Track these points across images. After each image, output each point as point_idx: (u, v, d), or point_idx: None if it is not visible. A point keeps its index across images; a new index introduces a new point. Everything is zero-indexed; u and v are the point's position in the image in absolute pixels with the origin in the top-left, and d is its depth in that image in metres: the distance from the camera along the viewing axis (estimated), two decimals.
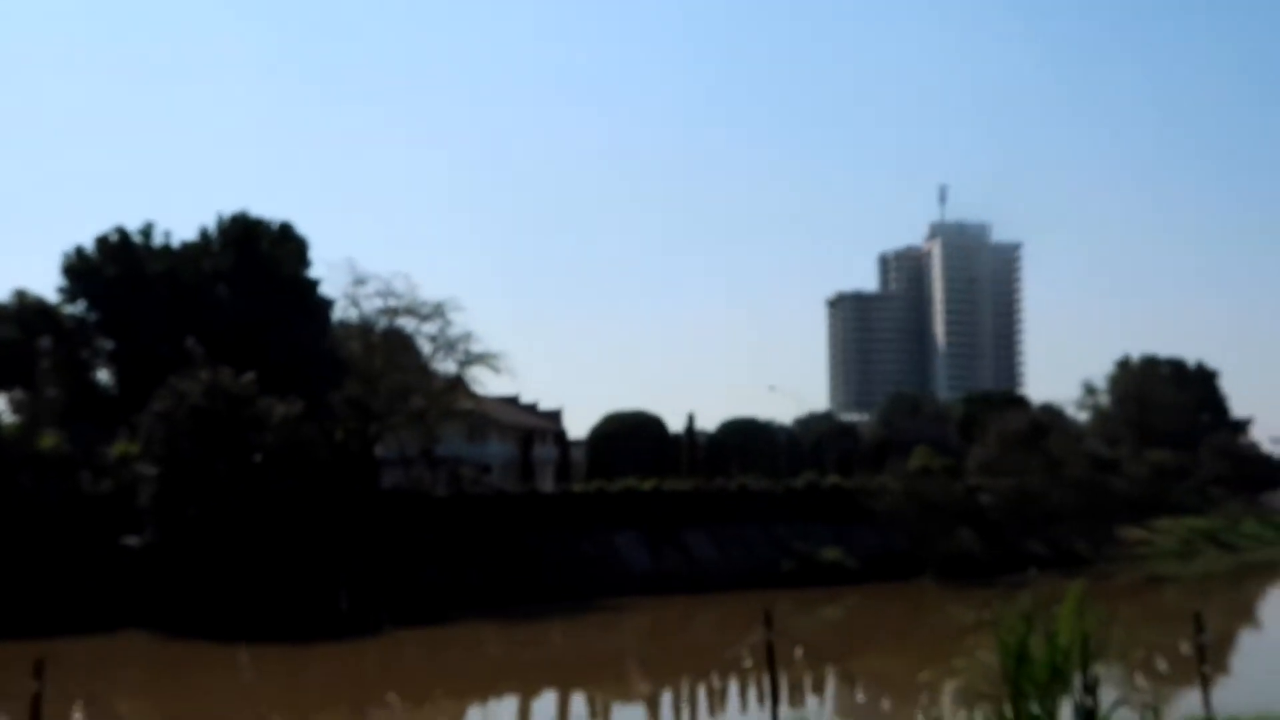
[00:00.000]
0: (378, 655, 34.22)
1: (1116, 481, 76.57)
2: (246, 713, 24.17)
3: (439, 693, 27.87)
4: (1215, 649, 38.92)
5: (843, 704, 27.16)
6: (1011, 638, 10.65)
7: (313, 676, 34.41)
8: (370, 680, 29.99)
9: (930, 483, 60.84)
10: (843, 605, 52.43)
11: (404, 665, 34.02)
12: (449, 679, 32.65)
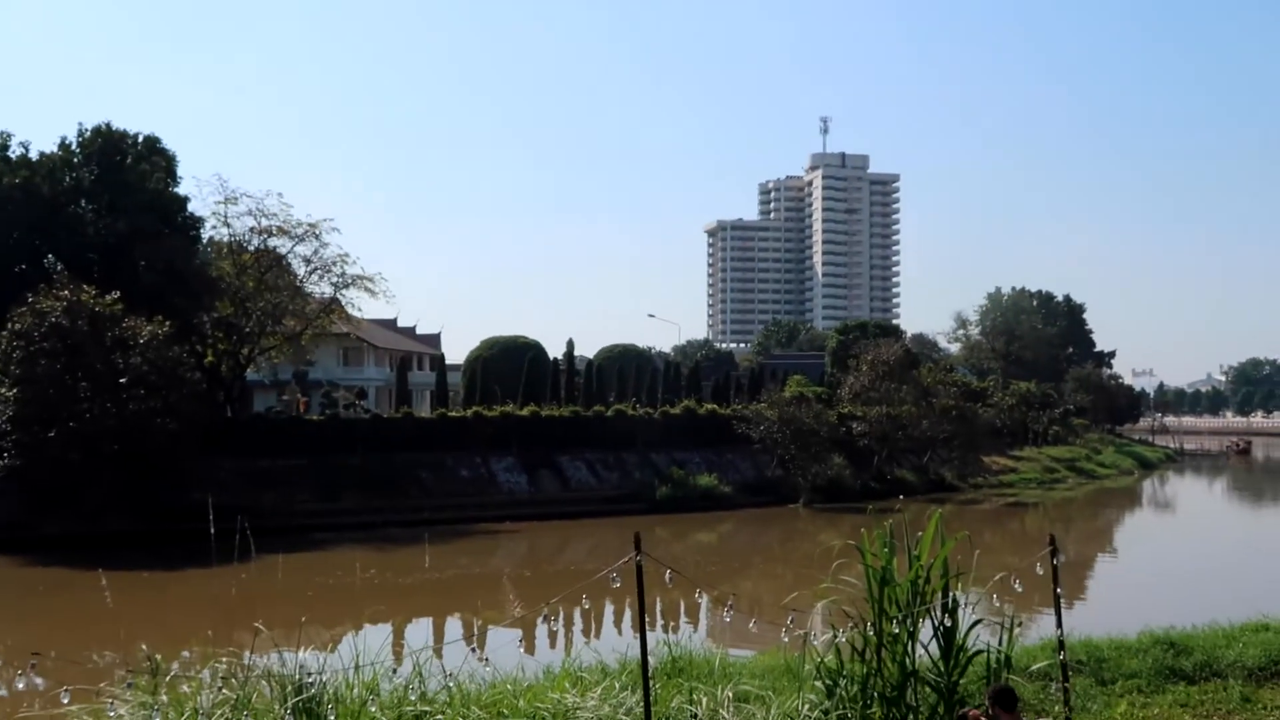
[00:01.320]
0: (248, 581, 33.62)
1: (984, 411, 78.60)
2: (109, 641, 23.58)
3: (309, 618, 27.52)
4: (1073, 574, 40.51)
5: (715, 627, 27.51)
6: (876, 561, 10.82)
7: (179, 603, 33.80)
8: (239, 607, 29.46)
9: (804, 410, 61.64)
10: (717, 530, 53.09)
11: (274, 591, 33.53)
12: (321, 604, 32.30)
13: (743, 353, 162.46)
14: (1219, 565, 40.92)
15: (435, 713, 10.24)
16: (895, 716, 10.45)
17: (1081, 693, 15.94)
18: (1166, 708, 15.22)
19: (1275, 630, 20.66)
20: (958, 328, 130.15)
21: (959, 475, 70.64)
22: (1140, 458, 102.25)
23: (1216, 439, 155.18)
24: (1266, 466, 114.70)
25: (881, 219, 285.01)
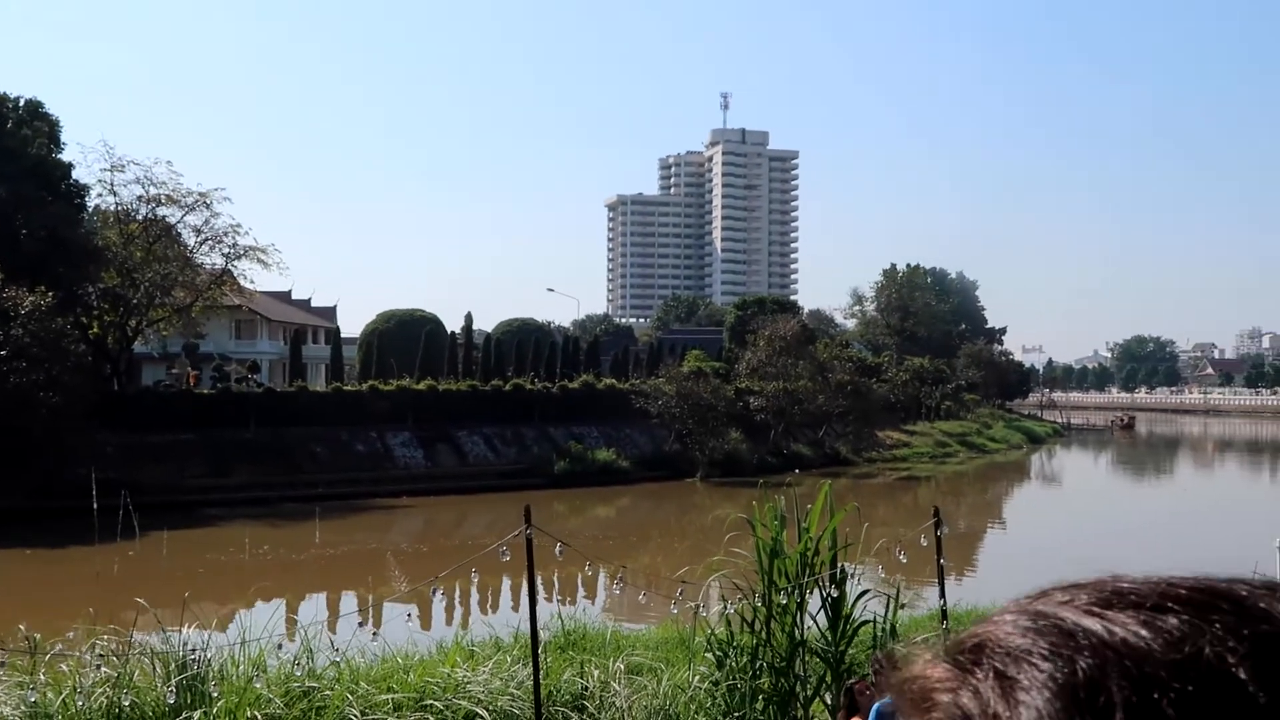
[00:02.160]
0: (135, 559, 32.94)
1: (879, 386, 79.75)
2: None
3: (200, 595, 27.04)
4: (964, 546, 41.41)
5: (613, 601, 27.61)
6: (766, 534, 10.92)
7: (61, 582, 32.94)
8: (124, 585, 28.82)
9: (702, 385, 61.96)
10: (615, 504, 53.26)
11: (162, 568, 32.89)
12: (210, 581, 31.78)
13: (642, 327, 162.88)
14: (1102, 536, 42.09)
15: (324, 688, 10.11)
16: (784, 686, 10.57)
17: None
18: None
19: None
20: (854, 304, 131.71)
21: (854, 449, 71.66)
22: (1029, 432, 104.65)
23: (1102, 414, 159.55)
24: (1149, 441, 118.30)
25: (781, 195, 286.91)
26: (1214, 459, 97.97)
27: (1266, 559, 23.91)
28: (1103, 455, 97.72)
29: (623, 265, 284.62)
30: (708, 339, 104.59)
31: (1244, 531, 31.49)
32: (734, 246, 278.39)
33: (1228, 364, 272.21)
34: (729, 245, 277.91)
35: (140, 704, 9.48)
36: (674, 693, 10.89)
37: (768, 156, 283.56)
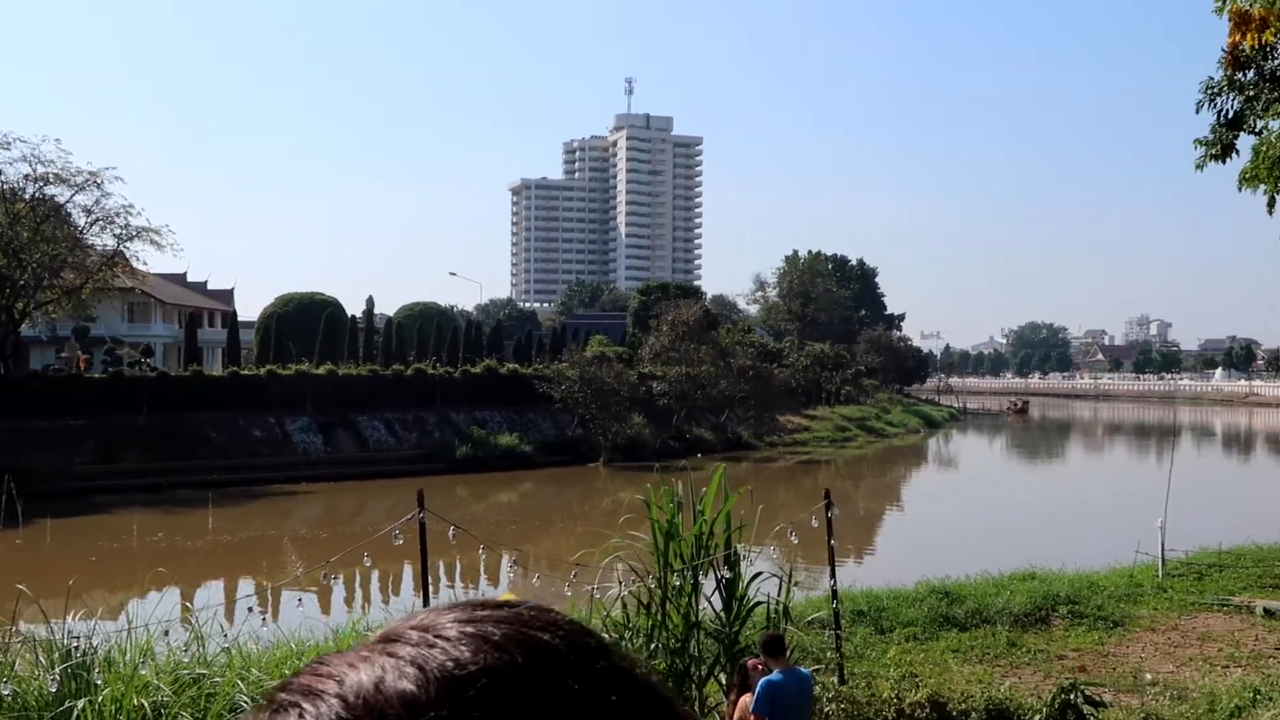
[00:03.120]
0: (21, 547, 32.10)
1: (780, 371, 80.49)
2: None
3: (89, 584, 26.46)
4: (861, 528, 42.03)
5: (515, 586, 27.58)
6: (661, 516, 11.00)
7: None
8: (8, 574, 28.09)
9: (605, 370, 62.05)
10: (518, 489, 53.15)
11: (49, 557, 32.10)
12: (100, 570, 31.06)
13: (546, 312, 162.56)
14: (995, 518, 43.07)
15: (213, 675, 9.97)
16: (679, 667, 10.67)
17: (861, 641, 16.61)
18: (939, 654, 15.96)
19: (1040, 579, 21.93)
20: (756, 290, 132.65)
21: (755, 434, 72.30)
22: (926, 417, 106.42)
23: (997, 399, 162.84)
24: (1042, 425, 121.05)
25: (685, 181, 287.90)
26: (1103, 443, 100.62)
27: (1149, 539, 24.70)
28: (997, 439, 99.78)
29: (527, 249, 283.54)
30: (611, 324, 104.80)
31: (1130, 513, 32.38)
32: (638, 232, 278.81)
33: (1117, 350, 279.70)
34: (633, 230, 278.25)
35: (22, 694, 9.26)
36: None
37: (672, 142, 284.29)
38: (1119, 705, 12.66)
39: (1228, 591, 21.21)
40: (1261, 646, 16.64)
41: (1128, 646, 16.97)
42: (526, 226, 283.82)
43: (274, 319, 76.18)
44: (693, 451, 56.01)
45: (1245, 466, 70.08)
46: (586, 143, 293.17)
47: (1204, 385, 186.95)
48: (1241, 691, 12.97)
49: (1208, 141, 18.39)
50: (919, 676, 11.48)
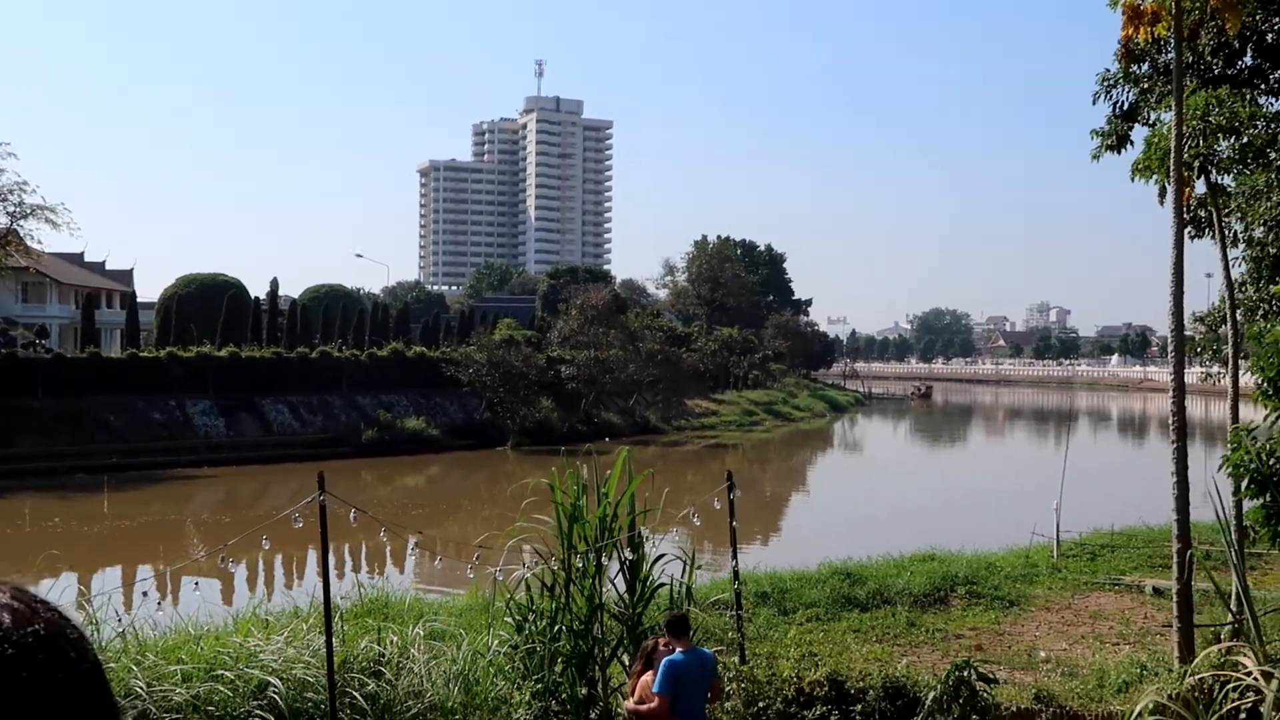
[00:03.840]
0: None
1: (689, 355, 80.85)
2: None
3: None
4: (768, 511, 42.40)
5: (422, 570, 27.43)
6: (566, 499, 11.02)
7: None
8: None
9: (514, 354, 61.87)
10: (424, 473, 52.80)
11: None
12: None
13: (454, 295, 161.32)
14: (898, 501, 43.74)
15: (107, 660, 9.78)
16: (582, 648, 10.72)
17: (765, 622, 16.80)
18: (840, 634, 16.20)
19: (940, 560, 22.35)
20: (665, 274, 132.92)
21: (663, 418, 72.60)
22: (832, 401, 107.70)
23: (901, 384, 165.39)
24: (945, 409, 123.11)
25: (595, 165, 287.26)
26: (1003, 427, 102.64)
27: (1046, 521, 25.29)
28: (901, 423, 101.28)
29: (435, 232, 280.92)
30: (520, 307, 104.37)
31: (1027, 495, 33.09)
32: (548, 215, 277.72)
33: (1018, 336, 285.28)
34: (543, 214, 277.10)
35: None
36: (473, 658, 10.93)
37: (582, 125, 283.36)
38: (1013, 682, 12.96)
39: (1119, 571, 21.81)
40: (1150, 624, 17.13)
41: (1023, 625, 17.37)
42: (435, 209, 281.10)
43: (175, 300, 74.62)
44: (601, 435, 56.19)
45: (1138, 450, 71.96)
46: (496, 125, 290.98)
47: (1101, 371, 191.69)
48: (1129, 668, 13.37)
49: (1104, 133, 18.83)
50: (819, 656, 11.65)
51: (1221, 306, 18.38)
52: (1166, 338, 11.92)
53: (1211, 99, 14.60)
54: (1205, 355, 24.03)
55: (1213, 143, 14.59)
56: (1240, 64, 18.39)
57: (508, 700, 10.62)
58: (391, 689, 9.94)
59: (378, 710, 9.72)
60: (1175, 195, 11.76)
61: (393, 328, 71.87)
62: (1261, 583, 18.78)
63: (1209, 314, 25.03)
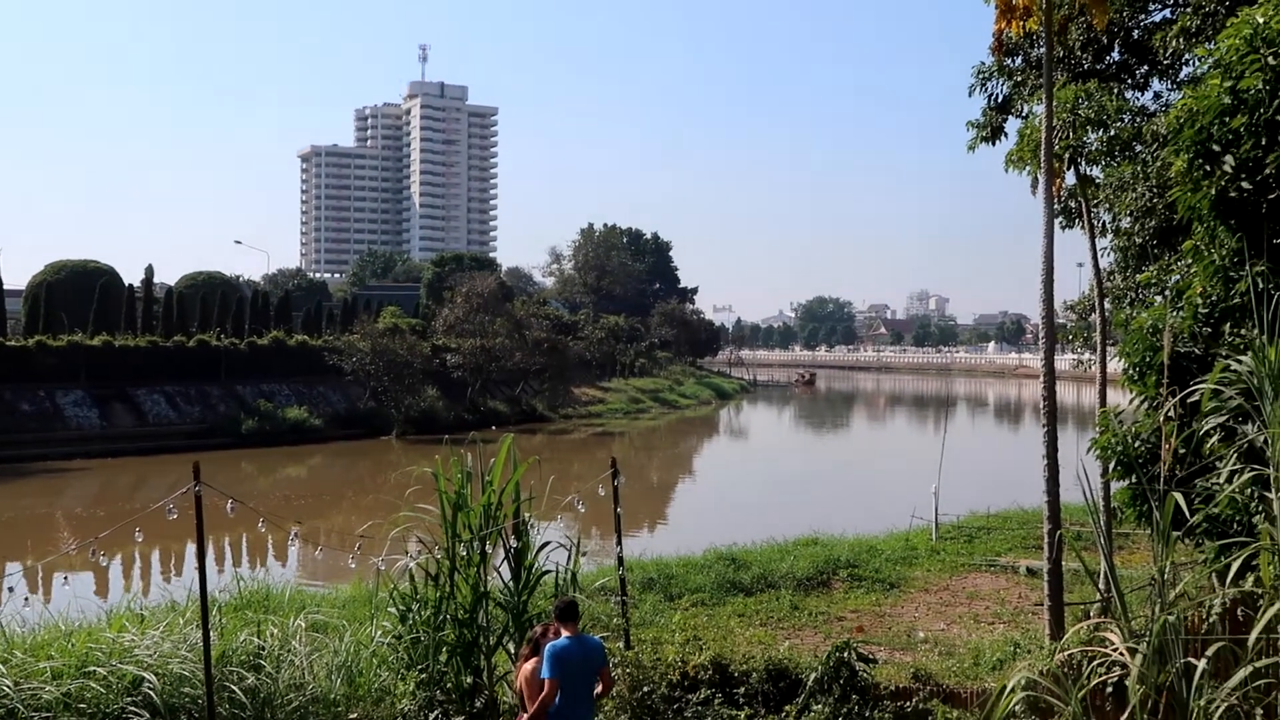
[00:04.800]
0: None
1: (575, 344, 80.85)
2: None
3: None
4: (655, 498, 42.60)
5: (307, 562, 27.08)
6: (450, 488, 10.96)
7: None
8: None
9: (398, 342, 61.28)
10: (307, 464, 52.02)
11: None
12: None
13: (337, 283, 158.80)
14: (782, 487, 44.26)
15: None
16: (467, 637, 10.67)
17: (651, 608, 16.90)
18: (725, 618, 16.37)
19: (823, 544, 22.72)
20: (552, 262, 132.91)
21: (550, 406, 72.52)
22: (718, 388, 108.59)
23: (786, 371, 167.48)
24: (828, 396, 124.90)
25: (480, 151, 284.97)
26: (884, 413, 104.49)
27: (925, 505, 25.85)
28: (785, 410, 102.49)
29: (317, 219, 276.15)
30: (405, 295, 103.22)
31: (908, 480, 33.73)
32: (432, 202, 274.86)
33: (899, 324, 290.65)
34: (427, 201, 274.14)
35: None
36: (356, 649, 10.81)
37: (467, 112, 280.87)
38: (892, 662, 13.24)
39: (995, 553, 22.39)
40: (1024, 604, 17.62)
41: (903, 607, 17.74)
42: (317, 195, 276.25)
43: (44, 287, 72.13)
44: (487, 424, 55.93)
45: (1014, 435, 73.83)
46: (379, 110, 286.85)
47: (978, 358, 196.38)
48: (1004, 646, 13.76)
49: (979, 124, 19.27)
50: (703, 640, 11.76)
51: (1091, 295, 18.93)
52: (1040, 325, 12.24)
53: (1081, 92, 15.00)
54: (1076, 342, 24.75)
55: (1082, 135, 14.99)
56: (1108, 59, 18.95)
57: (391, 691, 10.54)
58: (272, 682, 9.78)
59: (258, 704, 9.56)
60: (1046, 186, 12.07)
61: (274, 316, 70.58)
62: (1129, 561, 19.44)
63: (1079, 302, 25.82)
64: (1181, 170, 9.36)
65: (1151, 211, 16.35)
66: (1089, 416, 14.40)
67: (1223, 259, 9.17)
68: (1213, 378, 7.57)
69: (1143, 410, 9.84)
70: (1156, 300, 10.96)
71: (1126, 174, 16.80)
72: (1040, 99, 12.42)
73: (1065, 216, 17.41)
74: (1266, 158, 8.63)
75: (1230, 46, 8.95)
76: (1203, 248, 9.53)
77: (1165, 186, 13.43)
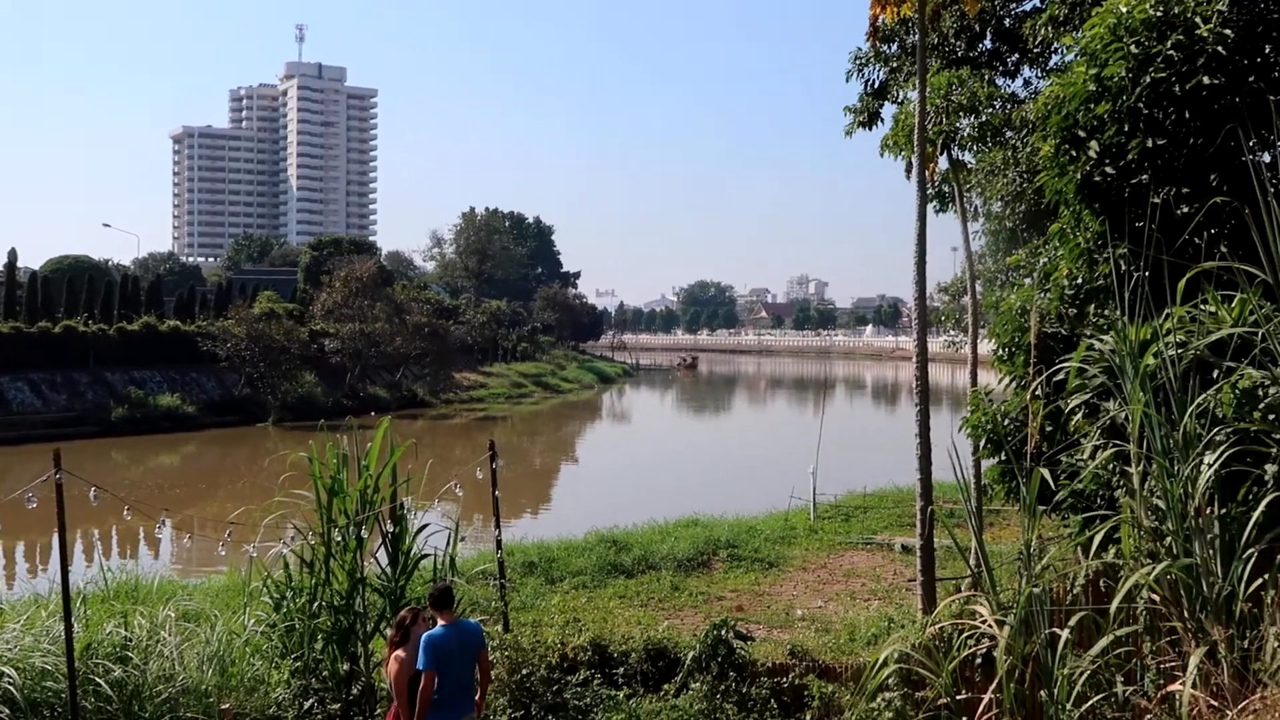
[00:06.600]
0: None
1: (457, 328, 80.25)
2: None
3: None
4: (538, 482, 42.52)
5: (179, 551, 26.52)
6: (325, 473, 10.78)
7: None
8: None
9: (275, 327, 60.13)
10: (180, 452, 50.82)
11: None
12: None
13: (211, 267, 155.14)
14: (664, 469, 44.53)
15: None
16: (344, 624, 10.53)
17: (532, 591, 16.88)
18: (606, 600, 16.42)
19: (704, 525, 22.91)
20: (433, 246, 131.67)
21: (431, 391, 71.91)
22: (601, 373, 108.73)
23: (668, 355, 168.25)
24: (710, 379, 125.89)
25: (359, 134, 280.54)
26: (765, 395, 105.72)
27: (804, 485, 26.22)
28: (668, 393, 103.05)
29: (190, 202, 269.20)
30: (281, 280, 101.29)
31: (788, 460, 34.12)
32: (310, 185, 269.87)
33: (779, 308, 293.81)
34: (305, 184, 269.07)
35: None
36: (229, 638, 10.58)
37: (346, 93, 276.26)
38: (770, 640, 13.40)
39: (871, 531, 22.81)
40: (898, 580, 17.98)
41: (781, 585, 17.98)
42: (190, 177, 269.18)
43: None
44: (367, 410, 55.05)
45: (890, 415, 75.22)
46: (255, 91, 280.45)
47: (856, 341, 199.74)
48: (878, 621, 14.03)
49: (856, 109, 19.54)
50: (583, 622, 11.78)
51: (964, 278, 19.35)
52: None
53: (954, 79, 15.29)
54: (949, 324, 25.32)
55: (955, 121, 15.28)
56: (981, 46, 19.36)
57: (265, 680, 10.34)
58: (140, 674, 9.51)
59: (125, 697, 9.29)
60: (919, 171, 12.27)
61: (145, 301, 68.68)
62: (999, 537, 19.95)
63: (952, 284, 26.41)
64: (1049, 156, 9.58)
65: (1021, 196, 16.75)
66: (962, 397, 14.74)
67: (1087, 242, 9.42)
68: (1077, 357, 7.77)
69: (1012, 390, 10.08)
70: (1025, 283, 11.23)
71: (997, 159, 17.18)
72: (915, 85, 12.61)
73: (939, 201, 17.75)
74: (1129, 144, 8.87)
75: (1095, 35, 9.17)
76: (1069, 231, 9.78)
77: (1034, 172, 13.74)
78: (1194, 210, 8.35)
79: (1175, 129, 8.76)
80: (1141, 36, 8.87)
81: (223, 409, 58.76)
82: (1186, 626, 6.30)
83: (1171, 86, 8.69)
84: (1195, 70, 8.60)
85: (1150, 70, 8.75)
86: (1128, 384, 6.90)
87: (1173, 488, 6.38)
